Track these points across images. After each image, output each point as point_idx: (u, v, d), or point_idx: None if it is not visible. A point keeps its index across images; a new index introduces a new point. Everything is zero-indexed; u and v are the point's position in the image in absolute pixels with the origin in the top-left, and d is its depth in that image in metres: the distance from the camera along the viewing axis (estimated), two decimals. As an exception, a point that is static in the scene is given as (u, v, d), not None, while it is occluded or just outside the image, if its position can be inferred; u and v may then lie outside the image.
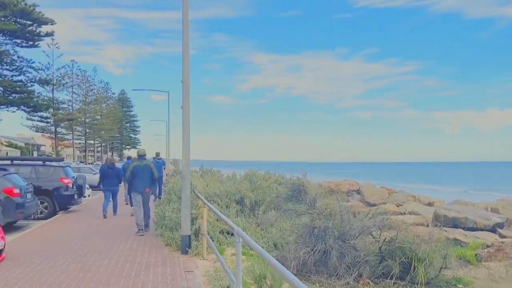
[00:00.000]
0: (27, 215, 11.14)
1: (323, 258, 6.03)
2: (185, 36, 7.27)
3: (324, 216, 6.15)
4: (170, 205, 8.79)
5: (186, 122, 7.32)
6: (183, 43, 7.22)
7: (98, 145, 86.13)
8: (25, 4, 38.43)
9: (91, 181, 24.65)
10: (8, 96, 38.45)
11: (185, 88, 7.36)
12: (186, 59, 7.31)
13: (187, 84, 7.38)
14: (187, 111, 7.34)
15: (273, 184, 8.95)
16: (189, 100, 7.38)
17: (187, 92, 7.36)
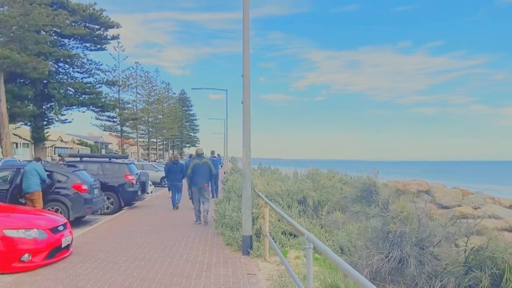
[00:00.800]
0: (94, 210, 11.53)
1: (399, 266, 5.45)
2: (245, 26, 6.98)
3: (400, 220, 5.57)
4: (230, 204, 8.59)
5: (246, 118, 7.04)
6: (243, 34, 6.93)
7: (160, 143, 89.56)
8: (94, 9, 40.55)
9: (154, 178, 25.51)
10: (78, 97, 40.81)
11: (245, 83, 7.07)
12: (247, 52, 7.02)
13: (248, 79, 7.09)
14: (247, 106, 7.05)
15: (337, 184, 8.44)
16: (249, 95, 7.09)
17: (248, 87, 7.07)
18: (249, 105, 7.04)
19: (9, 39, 30.67)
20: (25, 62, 29.99)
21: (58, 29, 37.56)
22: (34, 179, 10.04)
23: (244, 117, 7.05)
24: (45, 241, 6.37)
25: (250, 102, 7.07)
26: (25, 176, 10.03)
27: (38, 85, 37.43)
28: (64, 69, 41.71)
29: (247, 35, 6.93)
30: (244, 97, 7.07)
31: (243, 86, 7.09)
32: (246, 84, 7.07)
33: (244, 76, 7.07)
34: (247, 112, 7.03)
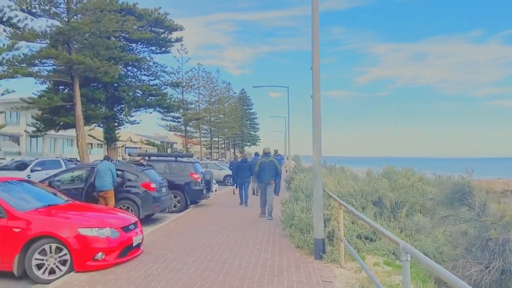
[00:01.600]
0: (162, 208, 11.71)
1: (502, 278, 4.73)
2: (314, 14, 6.53)
3: (502, 225, 4.84)
4: (298, 204, 8.18)
5: (316, 113, 6.60)
6: (312, 23, 6.50)
7: (221, 142, 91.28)
8: (159, 13, 42.03)
9: (217, 177, 25.83)
10: (146, 98, 42.50)
11: (315, 75, 6.63)
12: (316, 42, 6.57)
13: (317, 71, 6.64)
14: (317, 101, 6.60)
15: (417, 183, 7.71)
16: (319, 88, 6.64)
17: (318, 80, 6.63)
18: (320, 99, 6.59)
19: (83, 45, 32.60)
20: (98, 67, 31.66)
21: (127, 35, 39.38)
22: (107, 178, 10.37)
23: (314, 112, 6.61)
24: (117, 240, 6.41)
25: (320, 96, 6.62)
26: (98, 175, 10.39)
27: (109, 88, 39.49)
28: (132, 72, 43.65)
29: (316, 23, 6.48)
30: (313, 90, 6.63)
31: (313, 79, 6.65)
32: (315, 77, 6.63)
33: (314, 69, 6.63)
34: (317, 107, 6.59)
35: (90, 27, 30.32)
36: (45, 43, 30.40)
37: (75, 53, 30.07)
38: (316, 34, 6.51)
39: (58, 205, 7.06)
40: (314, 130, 6.60)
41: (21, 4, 28.41)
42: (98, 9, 31.65)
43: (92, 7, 31.61)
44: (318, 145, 6.57)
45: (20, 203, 6.50)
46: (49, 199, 7.26)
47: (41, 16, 30.53)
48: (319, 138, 6.58)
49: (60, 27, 29.42)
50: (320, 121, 6.58)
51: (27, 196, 7.08)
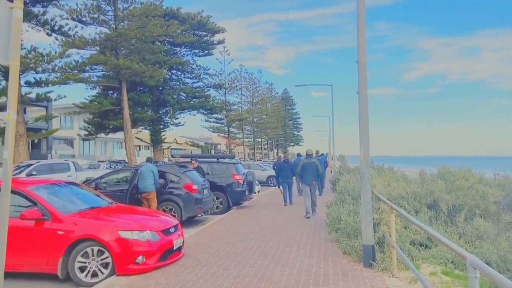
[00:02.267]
0: (204, 210, 11.61)
1: None
2: (360, 2, 6.09)
3: None
4: (344, 207, 7.73)
5: (363, 110, 6.15)
6: (357, 13, 6.06)
7: (264, 143, 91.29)
8: (201, 16, 42.61)
9: (260, 177, 25.64)
10: (189, 101, 43.24)
11: (361, 70, 6.19)
12: (362, 34, 6.13)
13: (364, 65, 6.20)
14: (364, 97, 6.16)
15: (476, 185, 7.03)
16: (366, 84, 6.19)
17: (364, 74, 6.18)
18: (366, 95, 6.14)
19: (130, 51, 33.64)
20: (143, 71, 32.53)
21: (171, 39, 40.24)
22: (149, 179, 10.43)
23: (360, 109, 6.17)
24: (158, 243, 6.31)
25: (367, 92, 6.16)
26: (141, 177, 10.46)
27: (155, 92, 40.53)
28: (176, 75, 44.58)
29: (362, 11, 6.04)
30: (360, 86, 6.19)
31: (359, 74, 6.21)
32: (361, 72, 6.18)
33: (360, 63, 6.19)
34: (363, 104, 6.14)
35: (136, 32, 31.19)
36: (94, 50, 31.68)
37: (122, 59, 31.07)
38: (361, 25, 6.07)
39: (101, 208, 7.08)
40: (361, 128, 6.16)
41: (72, 14, 29.74)
42: (143, 15, 32.53)
43: (138, 13, 32.55)
44: (366, 144, 6.13)
45: (65, 206, 6.56)
46: (93, 201, 7.31)
47: (91, 24, 31.82)
48: (366, 136, 6.13)
49: (108, 33, 30.51)
50: (367, 118, 6.13)
51: (72, 198, 7.16)
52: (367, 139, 6.14)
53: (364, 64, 6.15)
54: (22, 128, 20.96)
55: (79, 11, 30.08)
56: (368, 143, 6.13)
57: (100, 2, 31.20)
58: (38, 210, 6.11)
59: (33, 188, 6.59)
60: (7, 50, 3.16)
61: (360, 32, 6.10)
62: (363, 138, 6.14)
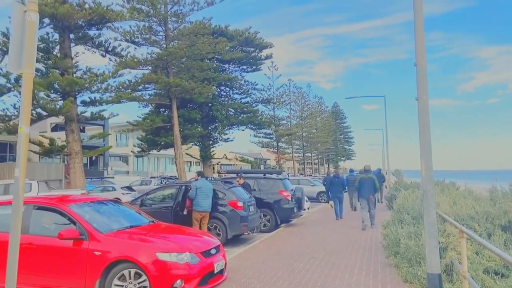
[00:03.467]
0: (250, 228, 11.11)
1: None
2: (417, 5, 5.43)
3: None
4: (403, 228, 6.91)
5: (424, 119, 5.41)
6: (414, 8, 5.39)
7: (314, 158, 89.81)
8: (249, 33, 42.97)
9: (310, 193, 24.80)
10: (238, 116, 43.43)
11: (420, 73, 5.48)
12: (420, 33, 5.44)
13: (423, 68, 5.48)
14: (424, 104, 5.42)
15: None
16: (427, 89, 5.46)
17: (424, 79, 5.46)
18: (427, 101, 5.40)
19: (180, 69, 34.44)
20: (193, 88, 33.08)
21: (219, 56, 40.85)
22: (209, 198, 10.16)
23: (420, 117, 5.44)
24: (198, 266, 5.88)
25: (428, 98, 5.43)
26: (200, 193, 10.15)
27: (204, 108, 41.13)
28: (225, 92, 45.06)
29: (420, 5, 5.36)
30: (419, 91, 5.47)
31: (417, 78, 5.50)
32: (421, 75, 5.47)
33: (418, 65, 5.49)
34: (424, 111, 5.40)
35: (185, 51, 31.90)
36: (146, 69, 32.76)
37: (173, 77, 31.82)
38: (419, 19, 5.37)
39: (141, 227, 6.80)
40: (422, 139, 5.41)
41: (125, 35, 30.99)
42: (193, 34, 33.24)
43: (187, 32, 33.33)
44: (428, 157, 5.37)
45: (104, 225, 6.34)
46: (133, 220, 7.06)
47: (143, 45, 33.00)
48: (428, 148, 5.37)
49: (159, 53, 31.45)
50: (429, 127, 5.38)
51: (113, 217, 6.96)
52: (429, 150, 5.38)
53: (424, 66, 5.44)
54: (78, 145, 21.77)
55: (132, 32, 31.29)
56: (430, 156, 5.37)
57: (152, 23, 32.29)
58: (76, 229, 5.92)
59: (74, 206, 6.45)
60: (21, 57, 2.92)
61: (417, 29, 5.41)
62: (425, 149, 5.39)
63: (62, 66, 21.10)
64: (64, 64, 21.09)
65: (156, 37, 33.23)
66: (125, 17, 28.73)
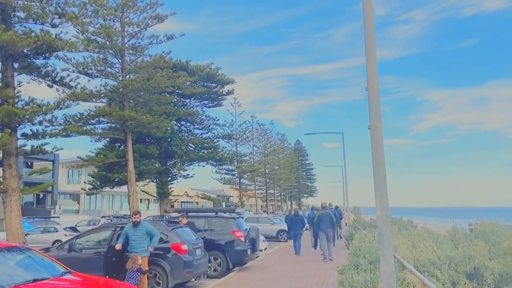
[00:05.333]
0: (196, 275, 9.93)
1: None
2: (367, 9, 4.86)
3: None
4: (360, 275, 6.07)
5: (378, 148, 4.72)
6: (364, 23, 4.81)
7: (277, 194, 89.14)
8: (210, 68, 42.71)
9: (269, 232, 23.77)
10: (198, 152, 42.31)
11: (372, 98, 4.84)
12: (372, 51, 4.84)
13: (376, 93, 4.85)
14: (378, 132, 4.75)
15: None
16: (380, 116, 4.81)
17: (377, 104, 4.82)
18: (381, 130, 4.73)
19: (137, 102, 33.30)
20: (150, 122, 31.88)
21: (180, 90, 40.12)
22: (146, 241, 8.95)
23: (374, 148, 4.74)
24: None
25: (381, 127, 4.77)
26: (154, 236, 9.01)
27: (162, 143, 39.78)
28: (185, 126, 44.04)
29: (370, 20, 4.79)
30: (371, 119, 4.81)
31: (369, 104, 4.85)
32: (373, 101, 4.83)
33: (370, 90, 4.86)
34: (378, 140, 4.72)
35: (142, 84, 30.92)
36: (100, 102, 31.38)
37: (128, 110, 30.57)
38: (370, 37, 4.79)
39: (47, 281, 5.57)
40: (376, 172, 4.69)
41: (78, 67, 29.71)
42: (151, 67, 32.42)
43: (145, 65, 32.47)
44: (383, 193, 4.63)
45: None
46: (41, 272, 5.82)
47: (97, 77, 31.72)
48: (383, 183, 4.65)
49: (114, 85, 30.27)
50: (383, 159, 4.69)
51: (14, 267, 5.70)
52: (385, 186, 4.65)
53: (377, 90, 4.80)
54: (15, 182, 19.86)
55: (85, 64, 30.05)
56: (386, 192, 4.64)
57: (107, 55, 31.24)
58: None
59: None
60: None
61: (368, 49, 4.82)
62: (380, 185, 4.66)
63: (2, 96, 19.52)
64: (4, 94, 19.52)
65: (112, 69, 32.13)
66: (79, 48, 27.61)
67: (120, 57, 31.91)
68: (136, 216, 9.06)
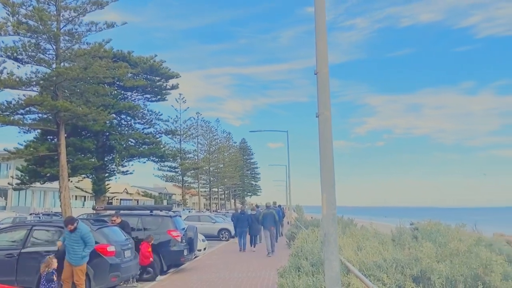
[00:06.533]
0: (124, 279, 9.01)
1: None
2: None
3: None
4: (301, 279, 5.56)
5: (325, 137, 4.21)
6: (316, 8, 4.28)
7: (221, 193, 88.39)
8: (154, 61, 40.96)
9: (210, 231, 23.03)
10: (139, 147, 40.46)
11: (321, 83, 4.33)
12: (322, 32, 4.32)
13: (326, 76, 4.34)
14: (326, 120, 4.24)
15: (476, 248, 5.15)
16: (329, 103, 4.31)
17: (326, 89, 4.31)
18: (330, 117, 4.23)
19: (72, 92, 31.05)
20: (85, 114, 29.87)
21: (121, 82, 38.08)
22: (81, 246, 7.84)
23: (321, 137, 4.23)
24: None
25: (331, 115, 4.26)
26: (88, 240, 7.86)
27: (100, 137, 37.60)
28: (126, 120, 41.96)
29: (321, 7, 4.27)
30: (320, 106, 4.29)
31: (318, 89, 4.34)
32: (322, 85, 4.32)
33: (319, 73, 4.34)
34: (326, 130, 4.21)
35: (78, 72, 28.86)
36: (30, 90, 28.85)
37: (62, 100, 28.37)
38: (320, 16, 4.27)
39: None
40: (323, 167, 4.17)
41: (6, 51, 27.10)
42: (89, 56, 30.34)
43: (82, 53, 30.32)
44: (330, 190, 4.12)
45: None
46: None
47: (28, 63, 29.14)
48: (330, 178, 4.14)
49: (47, 73, 27.95)
50: (332, 152, 4.19)
51: None
52: (332, 181, 4.15)
53: (326, 75, 4.29)
54: None
55: (15, 48, 27.46)
56: (333, 188, 4.14)
57: (40, 40, 28.75)
58: None
59: None
60: None
61: (319, 31, 4.29)
62: (327, 180, 4.15)
63: None
64: None
65: (45, 56, 29.64)
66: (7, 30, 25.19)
67: (55, 43, 29.52)
68: (70, 226, 7.80)
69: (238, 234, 17.28)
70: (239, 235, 17.17)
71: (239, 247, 16.80)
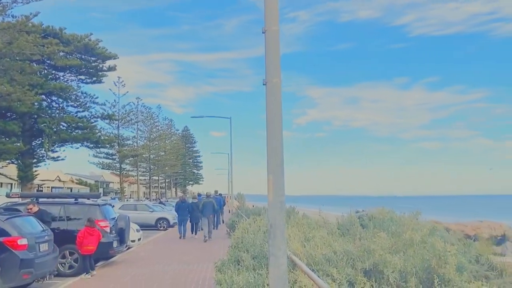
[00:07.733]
0: (40, 275, 7.81)
1: None
2: None
3: None
4: (241, 275, 4.87)
5: (274, 111, 3.51)
6: None
7: (162, 181, 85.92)
8: (89, 39, 38.10)
9: (148, 220, 21.87)
10: (71, 132, 37.67)
11: (270, 41, 3.60)
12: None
13: (276, 33, 3.62)
14: (275, 88, 3.53)
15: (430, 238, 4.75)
16: (279, 70, 3.60)
17: (276, 50, 3.59)
18: (280, 84, 3.52)
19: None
20: (9, 93, 27.12)
21: (52, 61, 35.02)
22: None
23: (269, 107, 3.52)
24: None
25: (281, 81, 3.56)
26: None
27: (27, 120, 34.38)
28: (57, 103, 38.77)
29: None
30: (268, 72, 3.58)
31: (266, 51, 3.61)
32: (271, 47, 3.60)
33: (268, 32, 3.61)
34: (275, 99, 3.51)
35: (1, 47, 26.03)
36: None
37: (-20, 76, 25.42)
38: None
39: None
40: (270, 144, 3.47)
41: None
42: (14, 29, 27.41)
43: (6, 26, 27.33)
44: (278, 172, 3.44)
45: None
46: None
47: None
48: (278, 158, 3.46)
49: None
50: (281, 126, 3.50)
51: None
52: (280, 161, 3.46)
53: (276, 33, 3.57)
54: None
55: None
56: (282, 170, 3.46)
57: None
58: None
59: None
60: None
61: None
62: (274, 159, 3.45)
63: None
64: None
65: (-38, 26, 26.39)
66: None
67: (-27, 13, 26.40)
68: None
69: (179, 222, 17.87)
70: (179, 223, 17.81)
71: (179, 234, 17.31)
